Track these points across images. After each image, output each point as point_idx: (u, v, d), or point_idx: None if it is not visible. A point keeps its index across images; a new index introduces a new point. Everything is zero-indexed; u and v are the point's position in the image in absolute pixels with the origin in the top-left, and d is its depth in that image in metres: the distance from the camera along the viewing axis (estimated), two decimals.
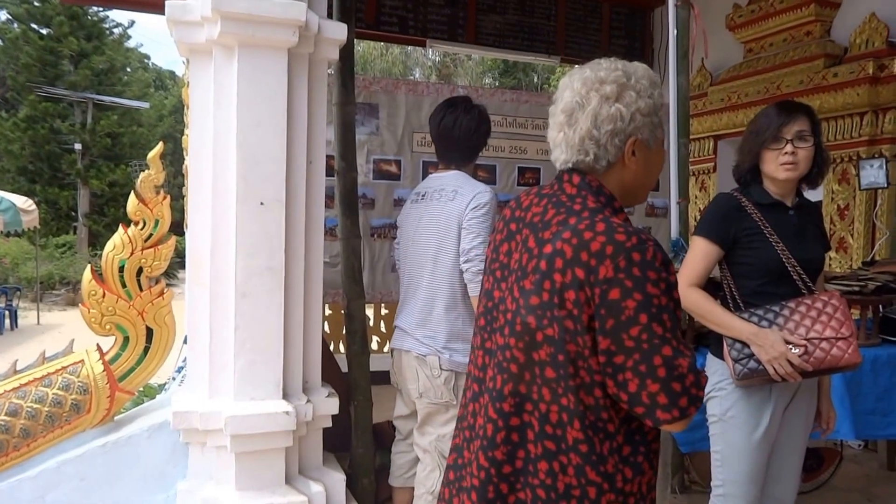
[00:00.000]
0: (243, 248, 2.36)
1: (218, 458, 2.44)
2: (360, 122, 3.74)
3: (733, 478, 2.22)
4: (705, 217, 2.30)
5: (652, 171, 1.44)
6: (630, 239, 1.25)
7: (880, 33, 4.68)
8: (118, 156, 22.40)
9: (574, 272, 1.26)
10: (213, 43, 2.34)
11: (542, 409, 1.34)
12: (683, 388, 1.23)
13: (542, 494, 1.34)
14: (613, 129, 1.34)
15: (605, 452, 1.30)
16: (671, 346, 1.23)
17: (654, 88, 1.39)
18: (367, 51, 20.07)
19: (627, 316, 1.22)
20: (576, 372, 1.28)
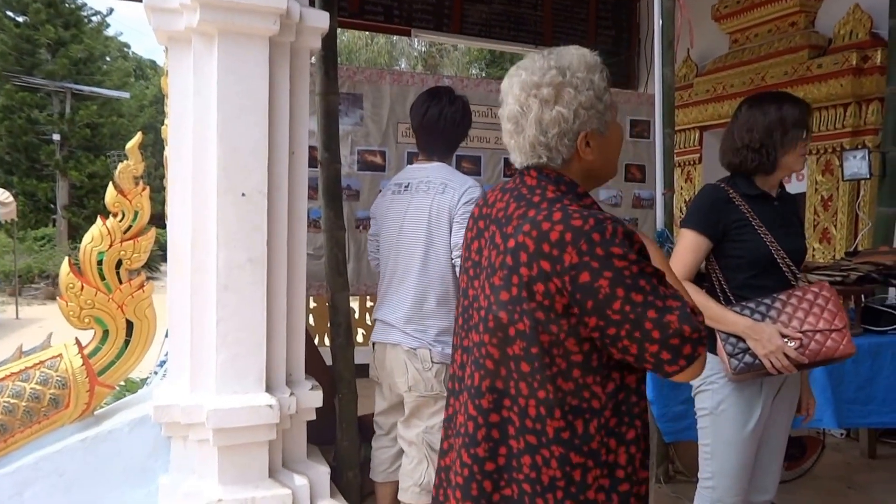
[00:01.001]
0: (224, 240, 2.32)
1: (200, 452, 2.41)
2: (344, 113, 3.70)
3: (724, 470, 2.21)
4: (694, 209, 2.26)
5: (611, 152, 1.46)
6: (587, 222, 1.26)
7: (864, 24, 4.70)
8: (98, 146, 22.13)
9: (540, 265, 1.28)
10: (193, 31, 2.29)
11: (520, 403, 1.34)
12: (683, 339, 1.24)
13: (528, 488, 1.33)
14: (559, 130, 1.36)
15: (591, 431, 1.31)
16: (655, 308, 1.24)
17: (592, 75, 1.37)
18: (351, 40, 19.93)
19: (604, 294, 1.24)
20: (551, 361, 1.30)
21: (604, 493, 1.32)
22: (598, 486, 1.32)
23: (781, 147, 2.19)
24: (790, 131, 2.18)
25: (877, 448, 4.17)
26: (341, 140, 3.16)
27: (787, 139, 2.19)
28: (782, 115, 2.19)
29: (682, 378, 1.30)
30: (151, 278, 2.68)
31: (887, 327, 3.08)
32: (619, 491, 1.33)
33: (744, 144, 2.24)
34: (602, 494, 1.32)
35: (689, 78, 6.13)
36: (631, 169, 4.94)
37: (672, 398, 2.60)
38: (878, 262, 3.22)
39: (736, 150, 2.27)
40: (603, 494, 1.32)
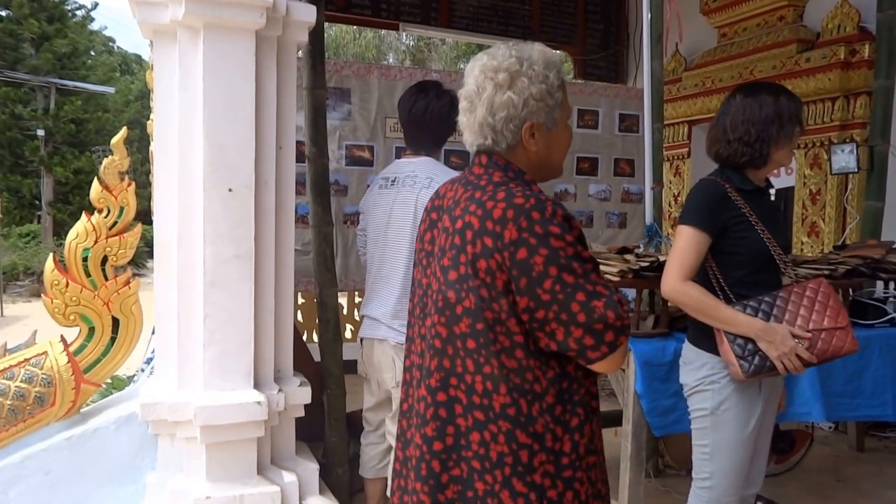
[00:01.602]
0: (211, 236, 2.30)
1: (188, 450, 2.39)
2: (332, 108, 3.68)
3: (723, 470, 2.19)
4: (693, 205, 2.16)
5: (555, 149, 1.50)
6: (528, 201, 1.32)
7: (852, 18, 4.71)
8: (83, 142, 21.92)
9: (483, 241, 1.33)
10: (178, 24, 2.27)
11: (467, 380, 1.39)
12: (606, 325, 1.29)
13: (477, 465, 1.38)
14: (507, 115, 1.41)
15: (534, 413, 1.35)
16: (585, 291, 1.30)
17: (549, 71, 1.43)
18: (339, 34, 19.84)
19: (538, 272, 1.29)
20: (495, 338, 1.34)
21: (549, 478, 1.36)
22: (544, 470, 1.35)
23: (776, 142, 2.14)
24: (786, 126, 2.13)
25: (865, 441, 4.19)
26: (329, 135, 3.13)
27: (784, 134, 2.14)
28: (779, 108, 2.13)
29: (603, 367, 1.35)
30: (138, 275, 2.65)
31: (875, 321, 3.09)
32: (563, 477, 1.37)
33: (736, 137, 2.17)
34: (548, 480, 1.36)
35: (678, 72, 6.13)
36: (620, 163, 4.94)
37: (661, 392, 2.59)
38: (866, 255, 3.23)
39: (727, 143, 2.20)
40: (549, 480, 1.36)
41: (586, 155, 4.79)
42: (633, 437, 2.62)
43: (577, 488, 1.39)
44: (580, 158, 4.77)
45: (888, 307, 3.16)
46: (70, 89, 21.60)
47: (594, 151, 4.84)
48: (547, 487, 1.35)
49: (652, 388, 2.58)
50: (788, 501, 3.32)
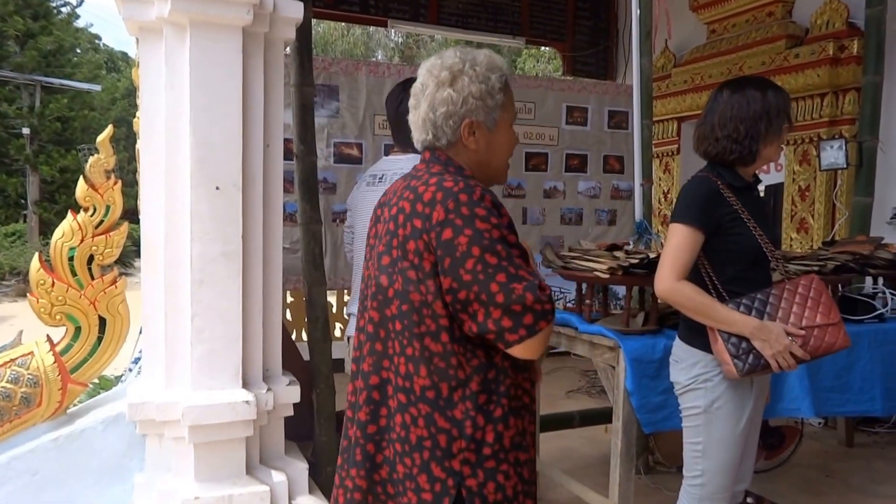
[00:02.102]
0: (199, 234, 2.29)
1: (176, 450, 2.37)
2: (320, 105, 3.66)
3: (716, 468, 2.18)
4: (686, 203, 2.13)
5: (497, 150, 1.53)
6: (458, 184, 1.36)
7: (840, 14, 4.72)
8: (69, 140, 21.70)
9: (413, 223, 1.37)
10: (164, 21, 2.25)
11: (395, 362, 1.42)
12: (525, 307, 1.30)
13: (399, 448, 1.40)
14: (447, 111, 1.45)
15: (455, 399, 1.36)
16: (506, 273, 1.31)
17: (491, 73, 1.47)
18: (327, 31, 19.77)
19: (461, 252, 1.31)
20: (420, 320, 1.36)
21: (469, 466, 1.36)
22: (464, 458, 1.35)
23: (765, 138, 2.12)
24: (775, 121, 2.12)
25: (854, 436, 4.21)
26: (317, 132, 3.11)
27: (772, 130, 2.12)
28: (767, 104, 2.11)
29: (522, 353, 1.34)
30: (125, 274, 2.63)
31: (864, 316, 3.10)
32: (484, 467, 1.36)
33: (725, 135, 2.15)
34: (467, 468, 1.36)
35: (668, 68, 6.14)
36: (609, 160, 4.94)
37: (651, 389, 2.59)
38: (854, 251, 3.24)
39: (715, 140, 2.18)
40: (468, 468, 1.36)
41: (575, 152, 4.80)
42: (623, 434, 2.62)
43: (502, 481, 1.38)
44: (569, 155, 4.78)
45: (877, 303, 3.17)
46: (56, 87, 21.39)
47: (583, 148, 4.84)
48: (466, 476, 1.35)
49: (642, 384, 2.58)
50: (778, 497, 3.33)
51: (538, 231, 4.79)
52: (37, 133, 20.75)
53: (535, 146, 4.66)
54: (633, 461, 2.69)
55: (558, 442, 4.00)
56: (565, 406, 4.55)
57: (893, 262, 3.23)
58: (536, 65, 18.81)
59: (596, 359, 2.78)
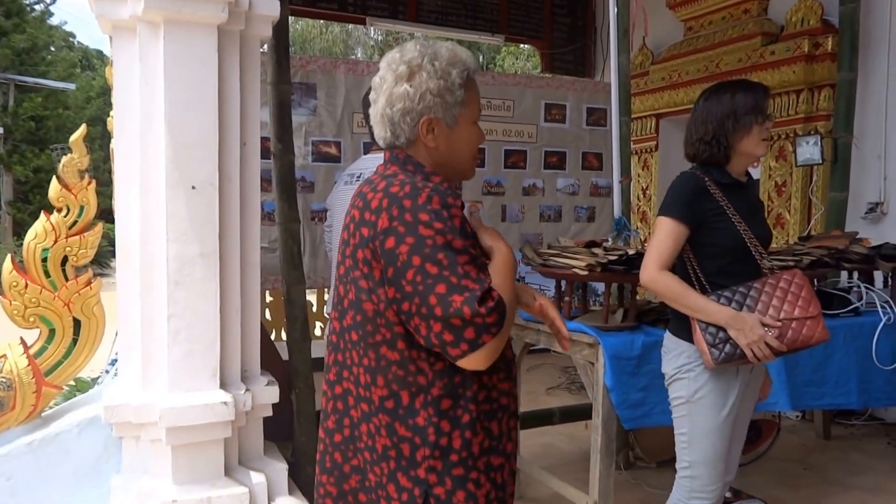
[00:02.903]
0: (175, 234, 2.26)
1: (153, 452, 2.35)
2: (298, 103, 3.64)
3: (702, 458, 2.21)
4: (673, 198, 2.22)
5: (458, 148, 1.45)
6: (403, 188, 1.30)
7: (814, 11, 4.77)
8: (43, 140, 21.35)
9: (361, 232, 1.33)
10: (138, 19, 2.22)
11: (355, 372, 1.38)
12: (465, 321, 1.22)
13: (368, 456, 1.37)
14: (403, 107, 1.39)
15: (416, 406, 1.31)
16: (447, 284, 1.24)
17: (452, 68, 1.40)
18: (305, 29, 19.66)
19: (402, 261, 1.26)
20: (375, 329, 1.32)
21: (435, 474, 1.31)
22: (429, 466, 1.31)
23: (733, 135, 2.21)
24: (742, 118, 2.20)
25: (831, 429, 4.27)
26: (295, 131, 3.10)
27: (739, 126, 2.20)
28: (734, 104, 2.22)
29: (469, 365, 1.28)
30: (102, 275, 2.60)
31: (839, 310, 3.14)
32: (452, 475, 1.32)
33: (698, 137, 2.26)
34: (433, 475, 1.31)
35: (646, 65, 6.17)
36: (588, 157, 4.96)
37: (630, 385, 2.61)
38: (830, 246, 3.28)
39: (691, 143, 2.30)
40: (434, 476, 1.31)
41: (554, 149, 4.81)
42: (603, 430, 2.64)
43: (472, 490, 1.33)
44: (548, 153, 4.79)
45: (852, 297, 3.21)
46: (29, 86, 21.04)
47: (562, 146, 4.86)
48: (433, 483, 1.31)
49: (621, 381, 2.59)
50: (756, 490, 3.37)
51: (517, 228, 4.80)
52: (10, 132, 20.40)
53: (513, 143, 4.66)
54: (612, 457, 2.71)
55: (539, 438, 4.01)
56: (546, 403, 4.56)
57: (868, 256, 3.28)
58: (516, 62, 18.84)
59: (575, 355, 2.79)
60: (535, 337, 3.01)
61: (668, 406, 2.66)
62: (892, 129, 4.43)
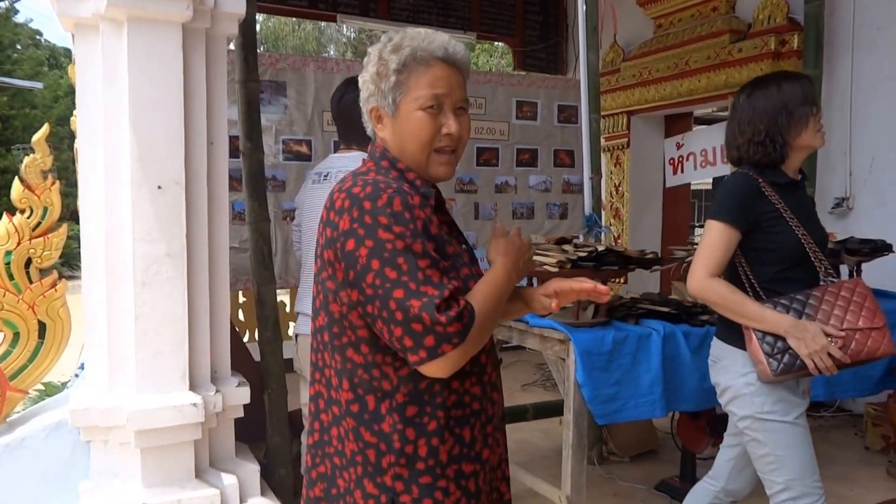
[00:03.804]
0: (141, 235, 2.23)
1: (122, 455, 2.32)
2: (268, 101, 3.61)
3: (798, 474, 2.05)
4: (724, 200, 2.07)
5: (406, 138, 1.37)
6: (364, 189, 1.27)
7: (781, 9, 4.84)
8: (9, 140, 20.92)
9: (326, 232, 1.31)
10: (100, 17, 2.18)
11: (326, 374, 1.36)
12: (425, 327, 1.19)
13: (337, 461, 1.35)
14: (361, 97, 1.41)
15: (381, 411, 1.29)
16: (405, 288, 1.20)
17: (393, 54, 1.34)
18: (277, 27, 19.53)
19: (362, 265, 1.23)
20: (341, 331, 1.31)
21: (401, 482, 1.28)
22: (395, 473, 1.28)
23: (789, 131, 2.06)
24: (795, 111, 2.05)
25: None
26: (265, 130, 3.08)
27: (794, 120, 2.06)
28: (783, 97, 2.06)
29: (429, 373, 1.24)
30: (72, 277, 2.56)
31: None
32: (419, 483, 1.29)
33: (746, 139, 2.11)
34: (399, 483, 1.28)
35: (617, 63, 6.21)
36: (560, 154, 4.98)
37: (602, 381, 2.62)
38: None
39: (738, 147, 2.14)
40: (401, 483, 1.28)
41: (526, 146, 4.82)
42: (575, 426, 2.65)
43: (440, 498, 1.30)
44: (520, 150, 4.80)
45: None
46: None
47: (534, 143, 4.87)
48: (399, 491, 1.28)
49: (592, 377, 2.61)
50: None
51: (490, 226, 4.81)
52: None
53: (485, 141, 4.67)
54: (584, 452, 2.72)
55: (513, 435, 4.01)
56: (521, 399, 4.58)
57: (834, 251, 3.33)
58: (490, 59, 18.87)
59: (546, 352, 2.80)
60: (507, 334, 3.02)
61: (640, 400, 2.70)
62: (856, 126, 4.51)
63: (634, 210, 6.25)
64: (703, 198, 13.33)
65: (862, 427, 4.08)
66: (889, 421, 3.50)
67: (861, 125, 4.49)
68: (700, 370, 2.77)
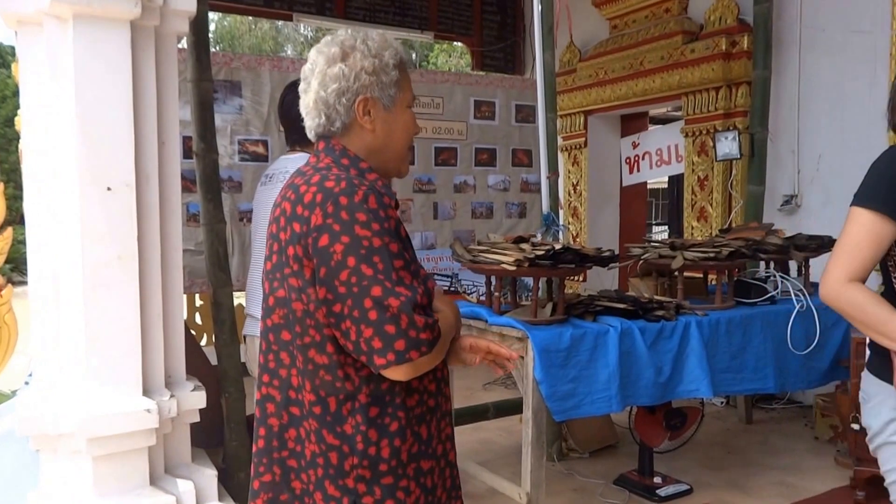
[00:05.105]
0: (90, 237, 2.18)
1: (73, 464, 2.26)
2: (222, 101, 3.57)
3: None
4: (874, 183, 1.59)
5: (395, 133, 1.42)
6: (339, 184, 1.26)
7: (731, 11, 4.93)
8: None
9: (292, 227, 1.27)
10: (44, 14, 2.13)
11: (282, 375, 1.34)
12: (399, 330, 1.19)
13: (294, 464, 1.33)
14: (339, 87, 1.35)
15: (343, 413, 1.28)
16: (382, 287, 1.19)
17: (384, 51, 1.39)
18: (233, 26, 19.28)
19: (336, 261, 1.21)
20: (304, 331, 1.28)
21: (364, 483, 1.28)
22: (358, 475, 1.27)
23: None
24: None
25: (753, 414, 4.43)
26: (221, 130, 3.04)
27: None
28: None
29: (391, 376, 1.24)
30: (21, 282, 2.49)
31: (757, 299, 3.26)
32: (381, 484, 1.29)
33: None
34: (362, 485, 1.28)
35: (573, 63, 6.26)
36: (518, 154, 5.02)
37: (559, 378, 2.65)
38: (747, 237, 3.40)
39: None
40: (364, 485, 1.28)
41: (484, 146, 4.85)
42: (534, 423, 2.67)
43: (402, 497, 1.30)
44: (478, 150, 4.82)
45: (769, 286, 3.34)
46: None
47: (492, 143, 4.90)
48: (362, 493, 1.28)
49: (550, 374, 2.63)
50: (682, 475, 3.47)
51: (449, 226, 4.82)
52: None
53: (443, 141, 4.68)
54: (543, 449, 2.75)
55: (475, 434, 4.04)
56: (482, 398, 4.60)
57: (783, 247, 3.41)
58: (449, 59, 18.89)
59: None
60: (466, 332, 3.02)
61: (596, 396, 2.74)
62: (804, 125, 4.62)
63: (592, 209, 6.31)
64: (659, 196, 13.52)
65: (812, 418, 4.19)
66: (837, 411, 3.60)
67: (808, 124, 4.60)
68: (655, 365, 2.82)
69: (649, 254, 3.25)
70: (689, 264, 3.11)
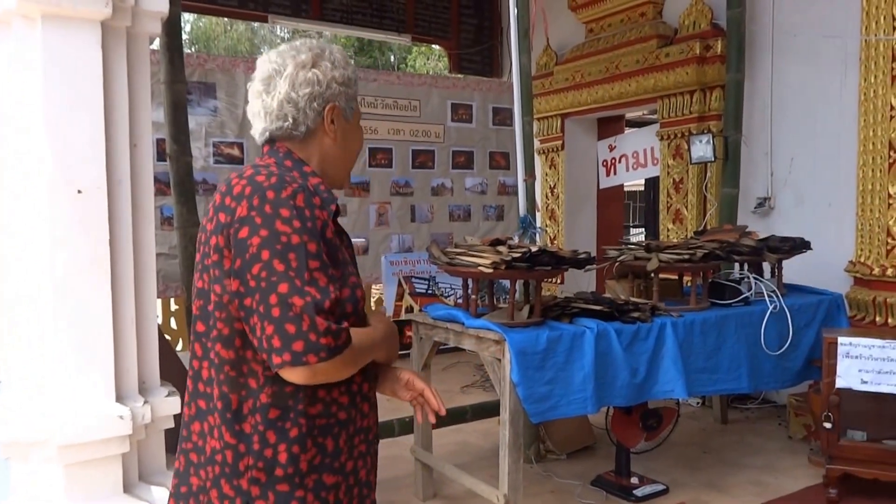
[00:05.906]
0: (61, 241, 2.15)
1: (45, 472, 2.22)
2: (197, 103, 3.54)
3: None
4: None
5: (350, 144, 1.45)
6: (269, 180, 1.25)
7: (705, 15, 4.98)
8: None
9: (218, 217, 1.26)
10: (12, 14, 2.10)
11: (195, 366, 1.32)
12: (299, 330, 1.15)
13: (195, 458, 1.31)
14: (311, 92, 1.35)
15: (244, 411, 1.25)
16: (291, 284, 1.16)
17: (347, 66, 1.42)
18: (209, 27, 19.13)
19: (251, 253, 1.19)
20: (214, 323, 1.26)
21: (258, 486, 1.24)
22: (252, 477, 1.24)
23: None
24: None
25: (728, 414, 4.48)
26: (195, 132, 3.02)
27: None
28: None
29: (287, 377, 1.20)
30: None
31: (731, 300, 3.30)
32: (276, 490, 1.24)
33: None
34: (256, 488, 1.24)
35: (550, 66, 6.29)
36: (495, 157, 5.03)
37: (536, 380, 2.65)
38: (721, 239, 3.44)
39: None
40: (257, 488, 1.24)
41: (462, 149, 4.85)
42: (511, 425, 2.67)
43: None
44: (455, 152, 4.83)
45: (742, 287, 3.37)
46: None
47: (469, 145, 4.90)
48: (255, 496, 1.24)
49: (527, 376, 2.63)
50: (659, 475, 3.49)
51: (427, 228, 4.82)
52: None
53: (421, 143, 4.68)
54: (521, 451, 2.75)
55: (454, 437, 4.04)
56: (461, 401, 4.59)
57: (757, 249, 3.45)
58: (427, 62, 18.90)
59: (482, 352, 2.82)
60: (444, 336, 3.02)
61: (572, 398, 2.75)
62: (777, 128, 4.68)
63: (569, 211, 6.34)
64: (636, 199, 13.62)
65: (786, 417, 4.24)
66: (810, 411, 3.64)
67: (781, 127, 4.66)
68: (631, 366, 2.84)
69: (625, 256, 3.27)
70: (664, 266, 3.13)
